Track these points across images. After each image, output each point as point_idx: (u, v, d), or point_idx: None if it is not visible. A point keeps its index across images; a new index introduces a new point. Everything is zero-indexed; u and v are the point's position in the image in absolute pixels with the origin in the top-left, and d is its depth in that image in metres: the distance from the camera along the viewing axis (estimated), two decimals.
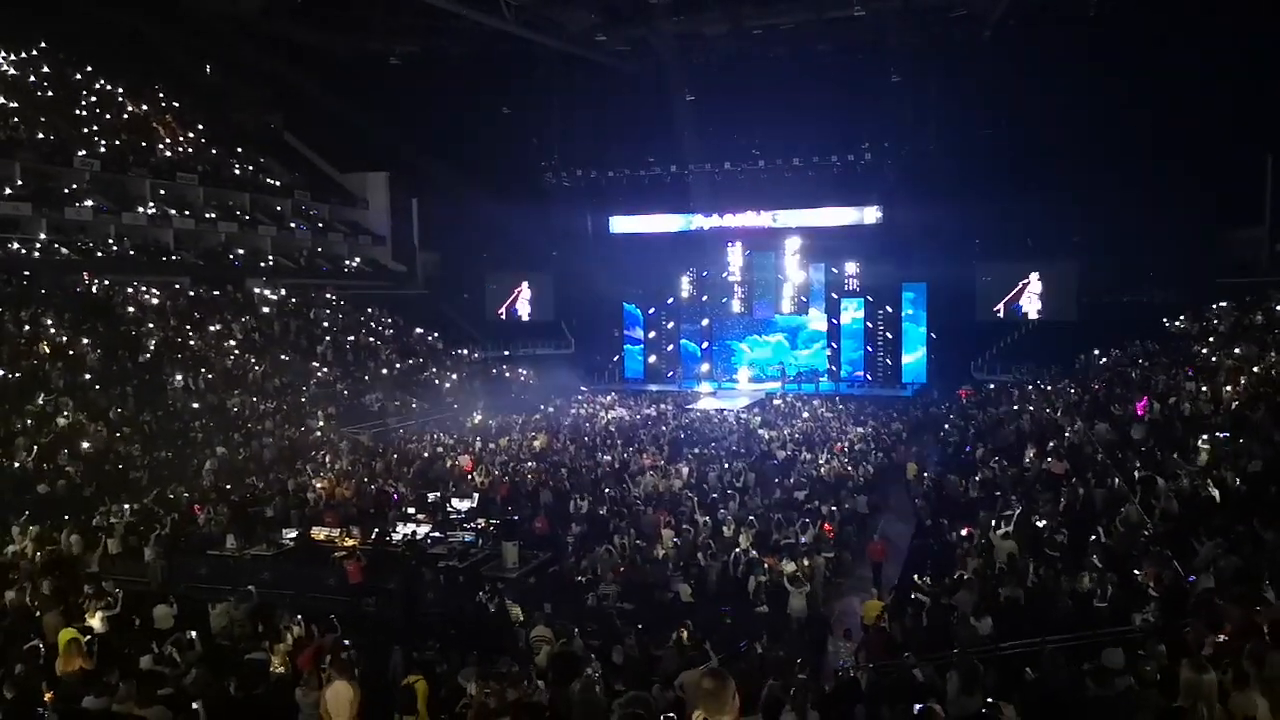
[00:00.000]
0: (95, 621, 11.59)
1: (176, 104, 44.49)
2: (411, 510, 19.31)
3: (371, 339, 38.88)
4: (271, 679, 10.15)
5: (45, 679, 9.48)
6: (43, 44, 39.68)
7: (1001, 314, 44.02)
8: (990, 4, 35.54)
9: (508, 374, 42.33)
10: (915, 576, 13.64)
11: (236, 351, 31.71)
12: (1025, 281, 43.74)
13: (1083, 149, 38.05)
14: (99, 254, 33.88)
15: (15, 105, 35.14)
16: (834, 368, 44.89)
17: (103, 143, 37.03)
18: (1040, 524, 15.46)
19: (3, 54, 37.55)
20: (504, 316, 52.37)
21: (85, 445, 22.11)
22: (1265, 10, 30.67)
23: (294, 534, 17.82)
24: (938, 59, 39.33)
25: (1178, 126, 34.94)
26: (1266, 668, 6.51)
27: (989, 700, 7.88)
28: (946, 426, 29.98)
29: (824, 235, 46.09)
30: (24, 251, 31.59)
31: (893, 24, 38.73)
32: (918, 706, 8.06)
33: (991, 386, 35.44)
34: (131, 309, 31.44)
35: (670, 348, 48.10)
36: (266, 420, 27.38)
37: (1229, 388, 19.64)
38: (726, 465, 23.23)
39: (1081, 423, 21.87)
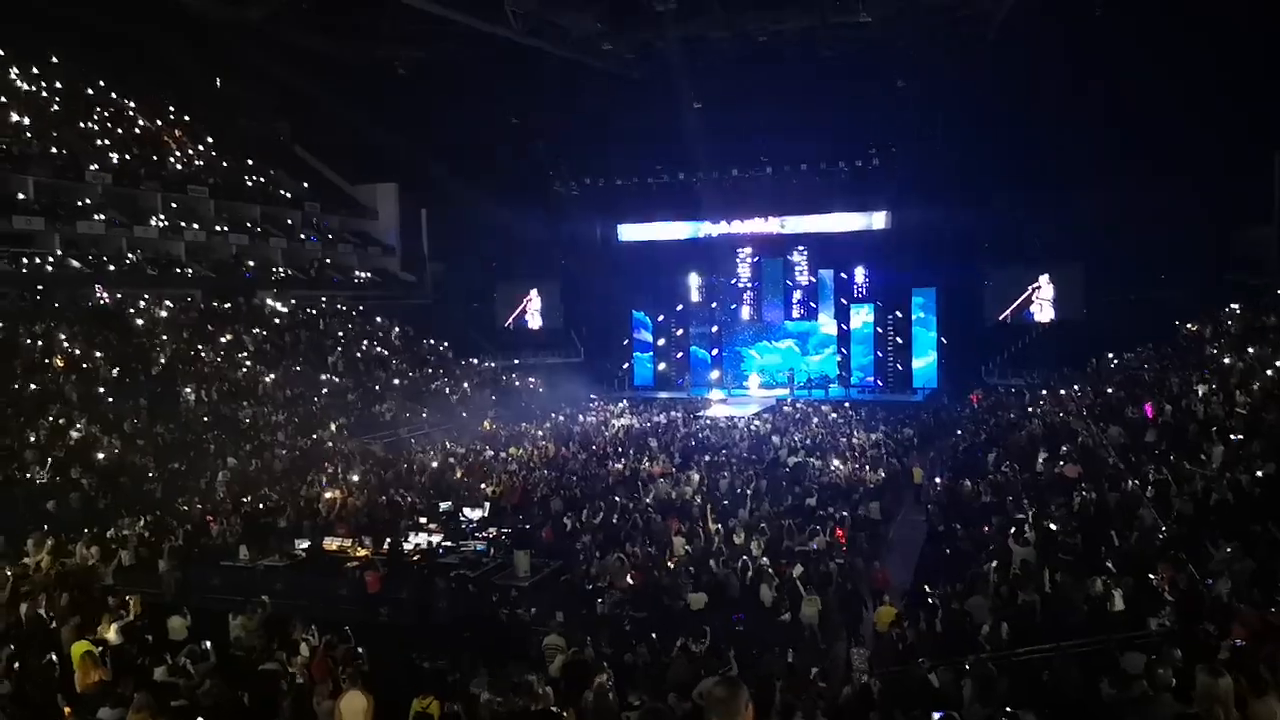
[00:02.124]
0: (110, 633, 11.64)
1: (187, 117, 44.80)
2: (423, 520, 19.34)
3: (381, 349, 39.00)
4: (288, 689, 10.17)
5: (62, 692, 9.53)
6: (53, 59, 40.01)
7: (1009, 321, 43.86)
8: (995, 5, 35.46)
9: (517, 383, 42.40)
10: (927, 586, 13.58)
11: (248, 363, 31.86)
12: (1035, 285, 43.59)
13: (1090, 149, 37.93)
14: (111, 267, 34.11)
15: (27, 120, 35.42)
16: (844, 373, 44.82)
17: (114, 156, 37.30)
18: (1053, 528, 15.40)
19: (15, 69, 37.87)
20: (511, 327, 52.42)
21: (99, 458, 22.24)
22: (1273, 7, 30.54)
23: (306, 544, 17.87)
24: (943, 62, 39.24)
25: (1186, 125, 34.76)
26: None
27: (1007, 710, 7.83)
28: (958, 431, 29.89)
29: (833, 241, 46.11)
30: (38, 265, 31.82)
31: (898, 28, 38.68)
32: (937, 715, 8.03)
33: (1001, 390, 35.32)
34: (143, 322, 31.64)
35: (680, 355, 48.13)
36: (278, 431, 27.49)
37: (1240, 389, 19.53)
38: (737, 472, 23.19)
39: (1094, 426, 21.78)
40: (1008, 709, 7.81)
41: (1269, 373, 20.22)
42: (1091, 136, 37.79)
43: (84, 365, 26.89)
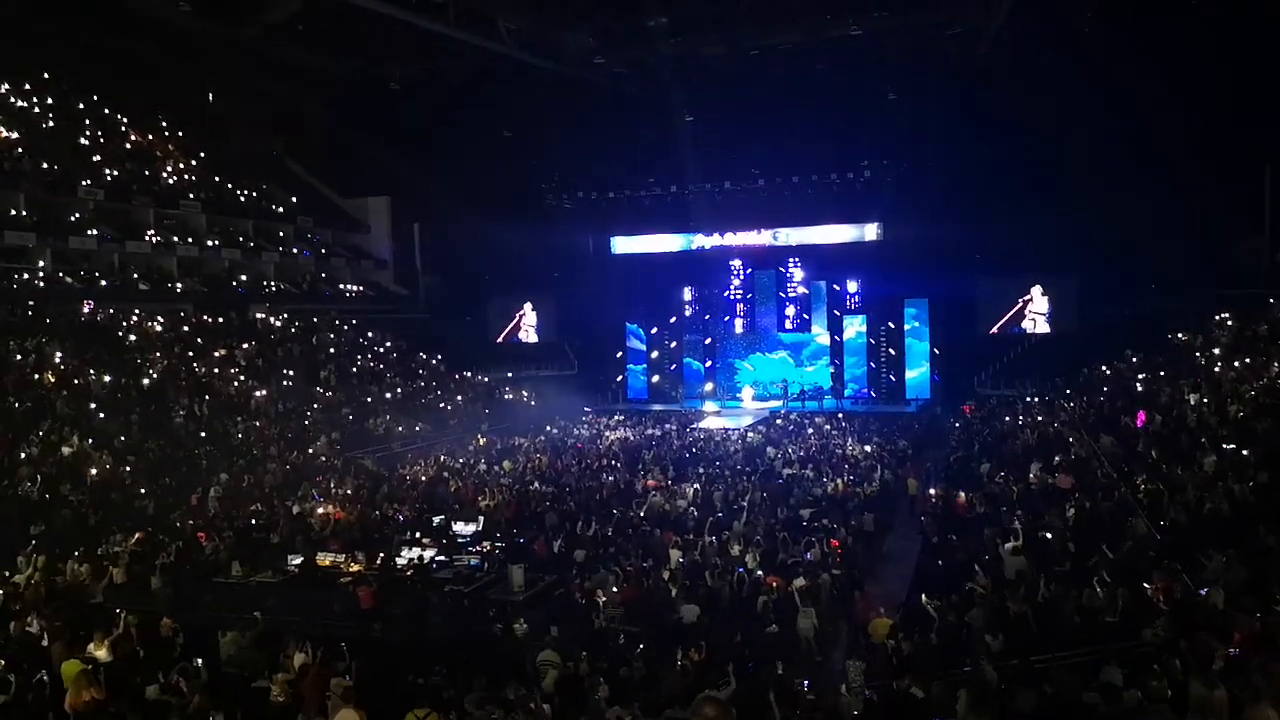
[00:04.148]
0: (101, 651, 11.55)
1: (180, 132, 44.81)
2: (417, 534, 19.25)
3: (375, 363, 38.94)
4: (274, 707, 10.11)
5: (53, 711, 9.46)
6: (45, 75, 40.01)
7: (1002, 334, 43.96)
8: (985, 21, 35.72)
9: (510, 396, 42.35)
10: (923, 595, 13.56)
11: (240, 378, 31.77)
12: (1026, 298, 43.70)
13: (1082, 162, 38.16)
14: (103, 282, 34.03)
15: (18, 136, 35.39)
16: (837, 385, 44.87)
17: (106, 172, 37.26)
18: (1048, 537, 15.42)
19: (6, 85, 37.85)
20: (505, 341, 52.38)
21: (90, 474, 22.12)
22: (1260, 22, 30.85)
23: (299, 560, 17.77)
24: (935, 76, 39.52)
25: (1176, 138, 35.02)
26: (1277, 681, 6.46)
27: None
28: (952, 442, 29.93)
29: (825, 252, 46.29)
30: (29, 281, 31.73)
31: (889, 42, 38.94)
32: None
33: (994, 400, 35.39)
34: (135, 337, 31.54)
35: (673, 367, 48.14)
36: (270, 446, 27.39)
37: (1232, 399, 19.60)
38: (732, 484, 23.17)
39: (1087, 436, 21.84)
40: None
41: (1261, 382, 20.31)
42: (1082, 149, 38.02)
43: (75, 381, 26.77)
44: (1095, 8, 34.63)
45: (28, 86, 38.88)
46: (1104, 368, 31.63)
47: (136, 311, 33.24)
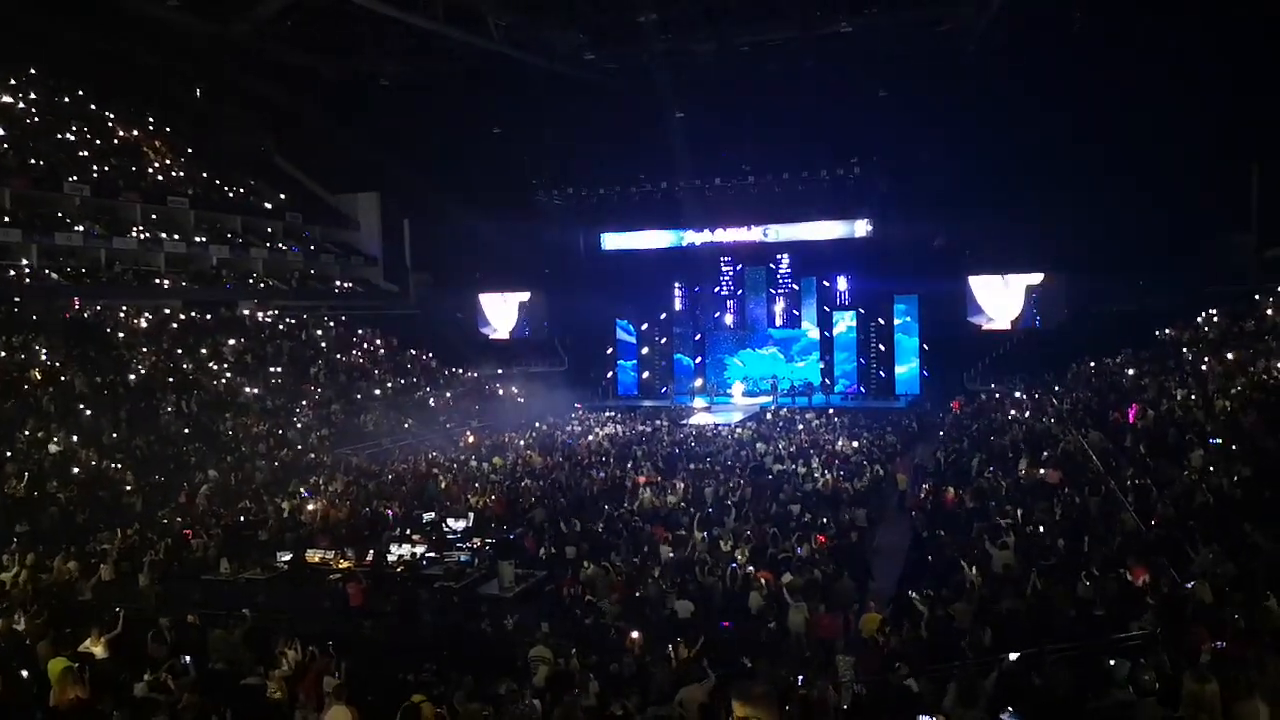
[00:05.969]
0: (98, 649, 11.49)
1: (167, 128, 44.56)
2: (406, 531, 19.22)
3: (364, 359, 38.84)
4: (268, 704, 10.07)
5: (39, 710, 9.41)
6: (32, 70, 39.73)
7: (990, 330, 44.12)
8: (975, 18, 35.79)
9: (501, 392, 42.30)
10: (912, 592, 13.58)
11: (229, 374, 31.64)
12: (1018, 294, 43.81)
13: (1071, 159, 38.27)
14: (90, 279, 33.82)
15: (4, 132, 35.13)
16: (827, 380, 44.95)
17: (93, 168, 37.02)
18: (1038, 533, 15.47)
19: None
20: (494, 337, 52.32)
21: (76, 471, 22.00)
22: (1248, 22, 31.00)
23: (288, 557, 17.71)
24: (925, 73, 39.59)
25: (1164, 135, 35.17)
26: (1268, 675, 6.49)
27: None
28: (941, 437, 30.03)
29: (815, 249, 46.34)
30: (14, 277, 31.52)
31: (879, 39, 39.00)
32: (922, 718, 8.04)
33: (983, 396, 35.49)
34: (123, 333, 31.37)
35: (663, 363, 48.14)
36: (259, 443, 27.29)
37: (1219, 394, 19.71)
38: (722, 480, 23.18)
39: (1074, 431, 21.94)
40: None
41: (1250, 371, 20.44)
42: (1072, 146, 38.13)
43: (61, 378, 26.62)
44: (1084, 5, 34.73)
45: (13, 82, 38.59)
46: (1092, 363, 31.74)
47: (124, 308, 33.06)
